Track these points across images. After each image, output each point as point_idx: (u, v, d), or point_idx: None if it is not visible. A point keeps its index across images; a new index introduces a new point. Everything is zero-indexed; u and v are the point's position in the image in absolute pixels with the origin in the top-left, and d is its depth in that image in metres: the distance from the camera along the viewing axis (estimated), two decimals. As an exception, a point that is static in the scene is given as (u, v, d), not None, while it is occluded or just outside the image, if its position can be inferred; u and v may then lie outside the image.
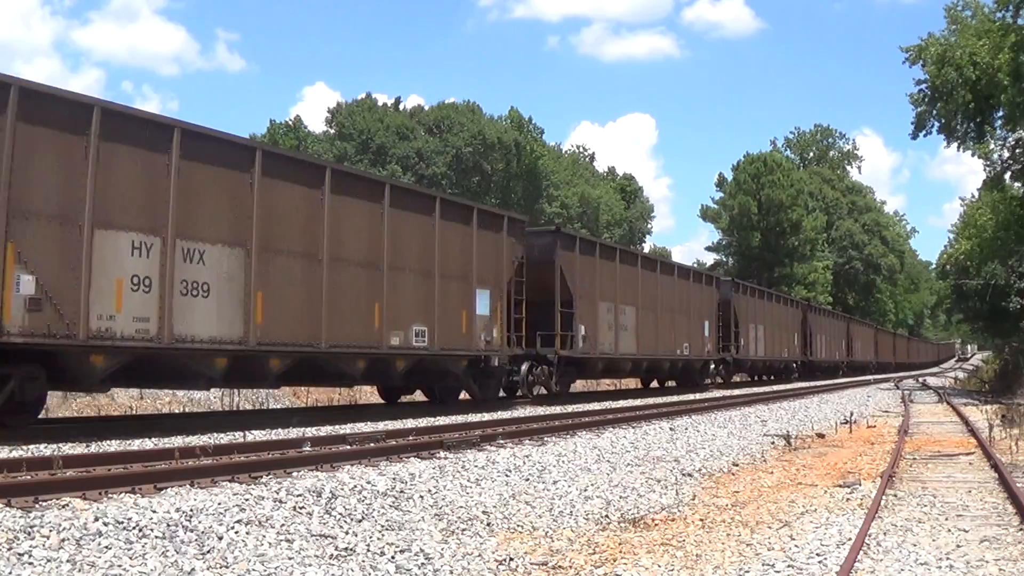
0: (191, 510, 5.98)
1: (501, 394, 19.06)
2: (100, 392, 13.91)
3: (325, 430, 11.98)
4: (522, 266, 18.36)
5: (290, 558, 5.35)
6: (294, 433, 11.26)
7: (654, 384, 29.43)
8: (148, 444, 9.96)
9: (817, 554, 5.73)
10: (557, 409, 17.30)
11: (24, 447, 9.11)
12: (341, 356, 13.90)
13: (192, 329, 11.33)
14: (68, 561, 4.79)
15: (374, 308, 14.30)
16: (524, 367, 18.86)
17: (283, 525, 6.02)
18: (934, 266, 72.58)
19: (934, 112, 28.57)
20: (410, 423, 13.34)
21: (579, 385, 24.23)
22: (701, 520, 7.18)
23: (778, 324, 37.76)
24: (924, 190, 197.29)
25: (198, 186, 11.48)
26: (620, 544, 6.26)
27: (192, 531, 5.60)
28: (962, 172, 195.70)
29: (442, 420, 14.03)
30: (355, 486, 7.36)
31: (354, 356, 14.19)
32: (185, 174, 11.25)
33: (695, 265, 33.50)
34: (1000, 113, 27.27)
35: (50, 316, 9.86)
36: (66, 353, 10.36)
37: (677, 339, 26.55)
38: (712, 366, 30.14)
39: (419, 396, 18.54)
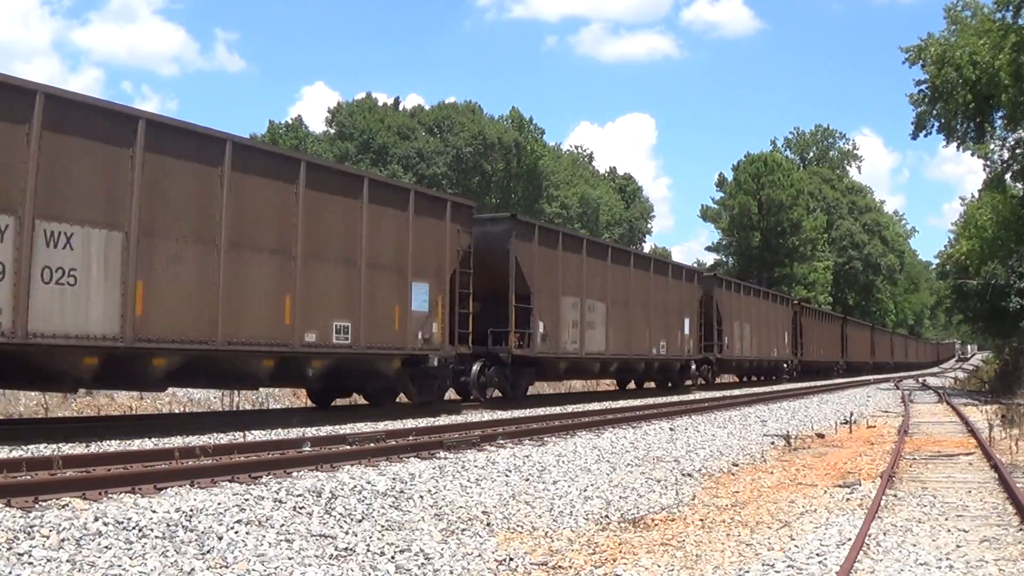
0: (191, 510, 5.98)
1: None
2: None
3: (325, 430, 11.98)
4: (701, 301, 29.34)
5: (290, 558, 5.35)
6: (294, 433, 11.26)
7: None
8: (148, 444, 9.96)
9: (817, 554, 5.72)
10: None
11: (24, 447, 9.12)
12: (635, 360, 24.76)
13: (589, 347, 21.55)
14: (68, 561, 4.79)
15: (646, 332, 24.85)
16: (693, 366, 29.08)
17: (283, 525, 6.02)
18: (934, 266, 72.54)
19: (934, 112, 28.52)
20: (410, 423, 13.34)
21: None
22: (701, 520, 7.18)
23: (826, 335, 48.43)
24: (923, 190, 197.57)
25: (592, 271, 21.89)
26: (620, 544, 6.25)
27: (192, 531, 5.60)
28: (961, 172, 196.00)
29: (442, 420, 14.04)
30: (355, 486, 7.37)
31: (640, 360, 25.08)
32: (587, 264, 21.64)
33: (773, 290, 44.68)
34: (1000, 113, 27.26)
35: (549, 343, 19.61)
36: (549, 361, 20.02)
37: (770, 346, 37.06)
38: (785, 365, 40.41)
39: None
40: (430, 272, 15.66)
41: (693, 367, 28.90)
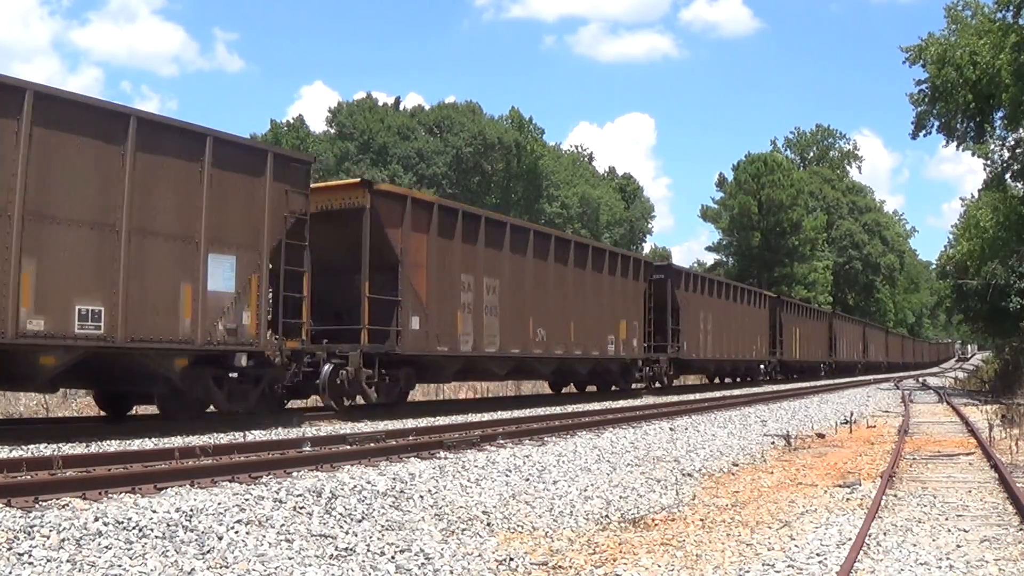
0: (191, 510, 5.98)
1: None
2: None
3: (325, 430, 11.98)
4: (770, 316, 37.24)
5: (290, 558, 5.35)
6: (294, 433, 11.26)
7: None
8: (148, 444, 9.96)
9: (817, 554, 5.72)
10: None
11: (24, 447, 9.12)
12: (737, 361, 33.82)
13: (712, 353, 29.96)
14: (68, 561, 4.80)
15: (739, 341, 32.72)
16: (761, 367, 36.77)
17: (283, 525, 6.02)
18: (934, 266, 72.56)
19: (934, 112, 28.49)
20: (410, 423, 13.34)
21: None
22: (701, 520, 7.18)
23: (851, 339, 55.18)
24: (923, 190, 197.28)
25: (711, 296, 30.12)
26: (620, 544, 6.26)
27: (192, 531, 5.60)
28: (960, 172, 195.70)
29: (442, 420, 14.04)
30: (355, 486, 7.36)
31: (739, 362, 33.63)
32: (706, 291, 29.66)
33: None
34: (1000, 113, 27.21)
35: (690, 349, 27.93)
36: (688, 361, 28.37)
37: (813, 349, 44.90)
38: (822, 364, 47.31)
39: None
40: (631, 311, 24.10)
41: (762, 367, 37.08)
